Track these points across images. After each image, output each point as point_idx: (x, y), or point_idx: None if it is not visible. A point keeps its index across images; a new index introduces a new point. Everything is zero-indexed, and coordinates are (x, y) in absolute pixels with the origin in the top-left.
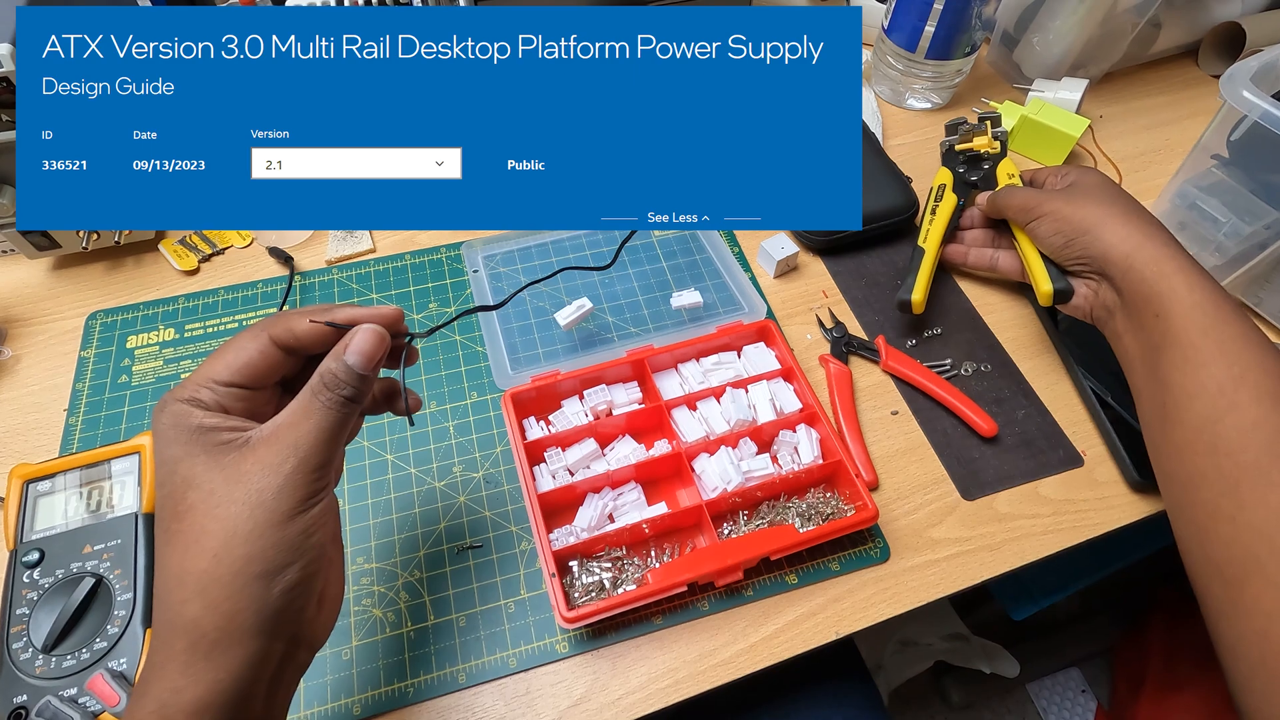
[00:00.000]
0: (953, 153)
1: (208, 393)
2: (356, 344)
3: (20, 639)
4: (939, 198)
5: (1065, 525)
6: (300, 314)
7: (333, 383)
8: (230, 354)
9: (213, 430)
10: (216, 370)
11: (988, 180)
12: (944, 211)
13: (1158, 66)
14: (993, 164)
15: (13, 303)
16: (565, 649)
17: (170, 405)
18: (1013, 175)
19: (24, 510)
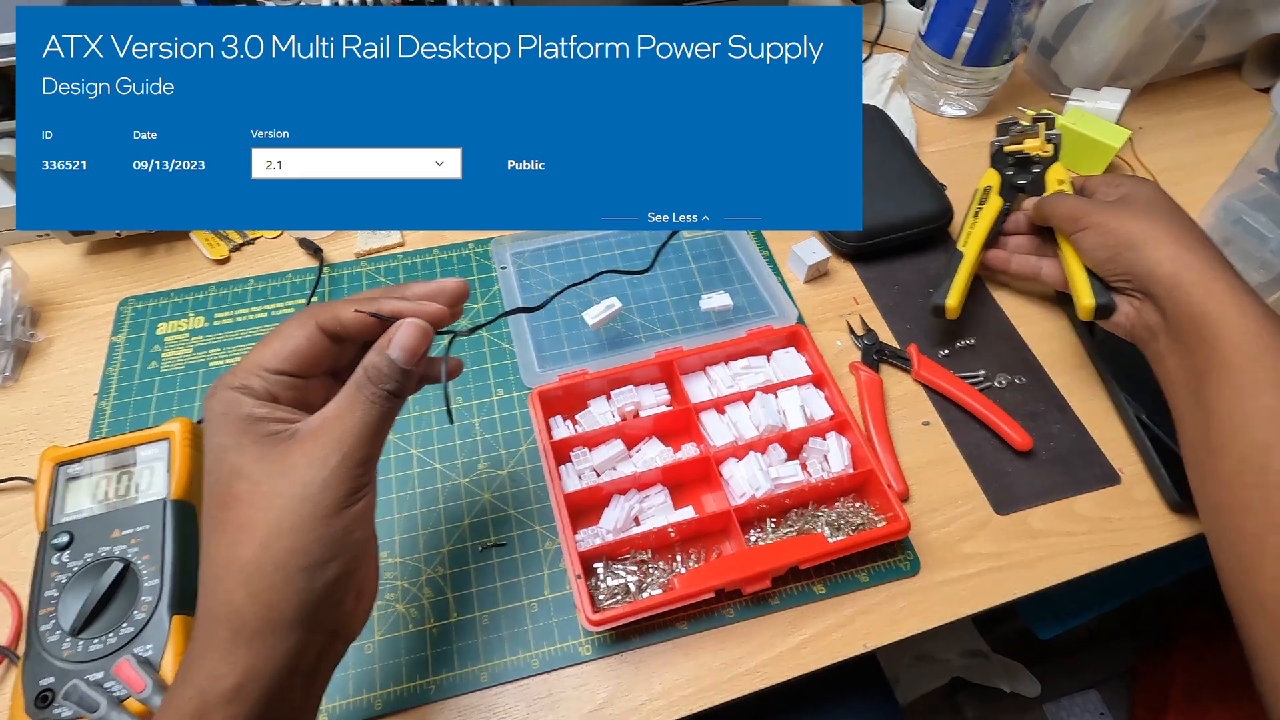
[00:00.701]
0: (1002, 154)
1: (258, 380)
2: (399, 339)
3: (48, 621)
4: (983, 200)
5: (1101, 544)
6: (347, 303)
7: (376, 377)
8: (278, 341)
9: (261, 420)
10: (265, 358)
11: (1036, 185)
12: (987, 215)
13: (1200, 78)
14: (1043, 168)
15: (46, 287)
16: (588, 652)
17: (221, 392)
18: (1063, 182)
19: (54, 493)
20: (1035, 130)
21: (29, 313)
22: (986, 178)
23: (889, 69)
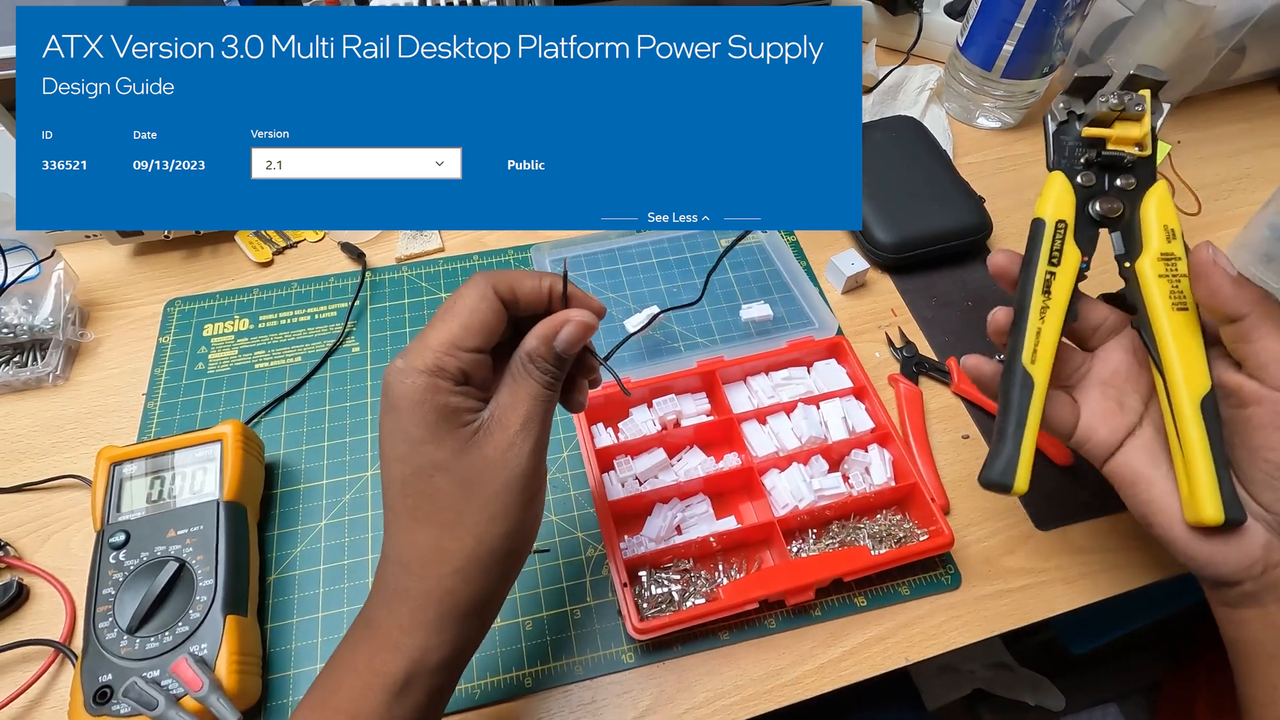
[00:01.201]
0: (1076, 143)
1: (452, 360)
2: (566, 333)
3: (106, 619)
4: (1055, 254)
5: (1143, 561)
6: (520, 273)
7: (541, 364)
8: (465, 315)
9: (458, 411)
10: (457, 334)
11: (1130, 229)
12: (1063, 287)
13: (1240, 93)
14: (1140, 181)
15: (95, 287)
16: (631, 659)
17: (414, 377)
18: (1171, 230)
19: (111, 492)
20: (1134, 106)
21: (79, 312)
22: (1052, 196)
23: (926, 80)
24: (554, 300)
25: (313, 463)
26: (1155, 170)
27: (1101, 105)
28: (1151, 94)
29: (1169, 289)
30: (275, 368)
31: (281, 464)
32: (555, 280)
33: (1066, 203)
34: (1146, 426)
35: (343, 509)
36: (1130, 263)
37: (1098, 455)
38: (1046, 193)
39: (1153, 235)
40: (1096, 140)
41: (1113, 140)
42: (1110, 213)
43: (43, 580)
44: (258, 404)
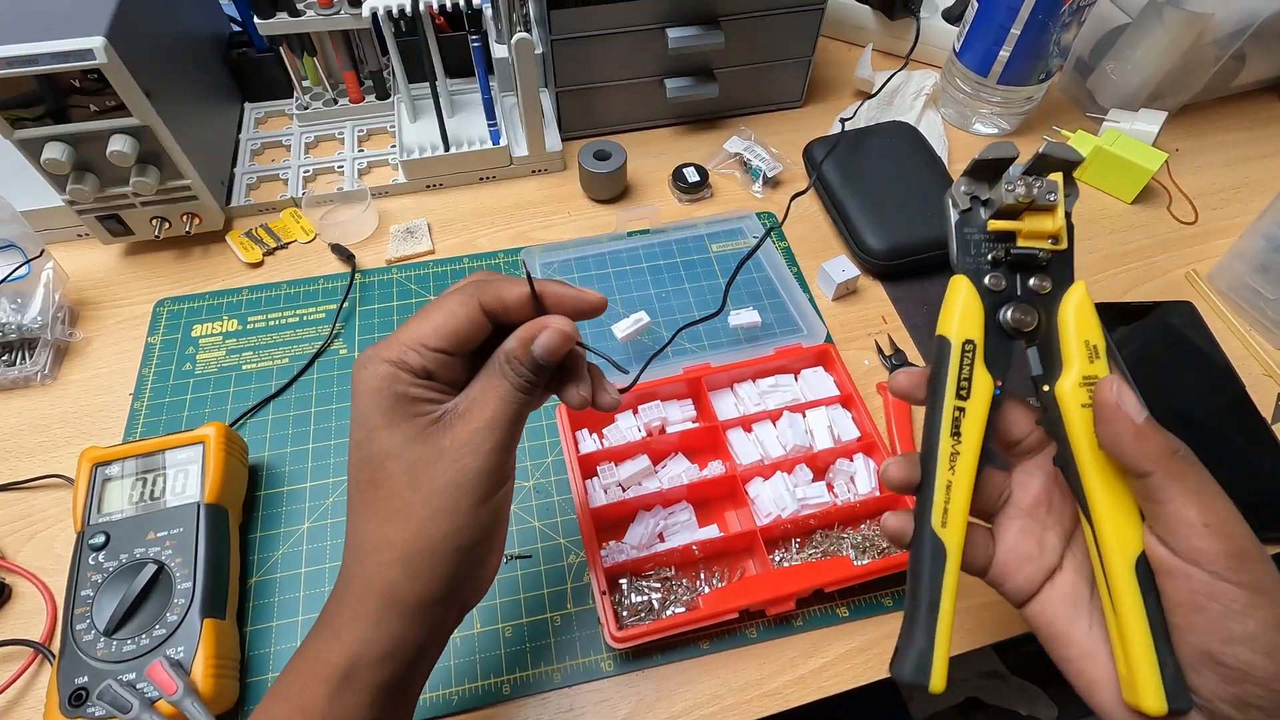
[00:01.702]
0: (982, 238)
1: (415, 356)
2: (544, 340)
3: (84, 620)
4: (963, 385)
5: None
6: (509, 283)
7: (517, 367)
8: (439, 317)
9: (415, 401)
10: (425, 334)
11: (1046, 336)
12: (974, 421)
13: (1239, 100)
14: (1057, 282)
15: (85, 286)
16: (610, 667)
17: (376, 365)
18: (1094, 347)
19: (92, 493)
20: (1044, 196)
21: (68, 311)
22: (956, 308)
23: (922, 85)
24: (541, 305)
25: (297, 464)
26: (1072, 267)
27: (1007, 195)
28: (1065, 177)
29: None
30: (263, 369)
31: (266, 466)
32: (541, 286)
33: (974, 315)
34: (1068, 570)
35: (326, 511)
36: (1049, 386)
37: (1013, 599)
38: (949, 302)
39: (1072, 353)
40: (1006, 234)
41: (1023, 234)
42: (1022, 325)
43: (25, 580)
44: (244, 405)
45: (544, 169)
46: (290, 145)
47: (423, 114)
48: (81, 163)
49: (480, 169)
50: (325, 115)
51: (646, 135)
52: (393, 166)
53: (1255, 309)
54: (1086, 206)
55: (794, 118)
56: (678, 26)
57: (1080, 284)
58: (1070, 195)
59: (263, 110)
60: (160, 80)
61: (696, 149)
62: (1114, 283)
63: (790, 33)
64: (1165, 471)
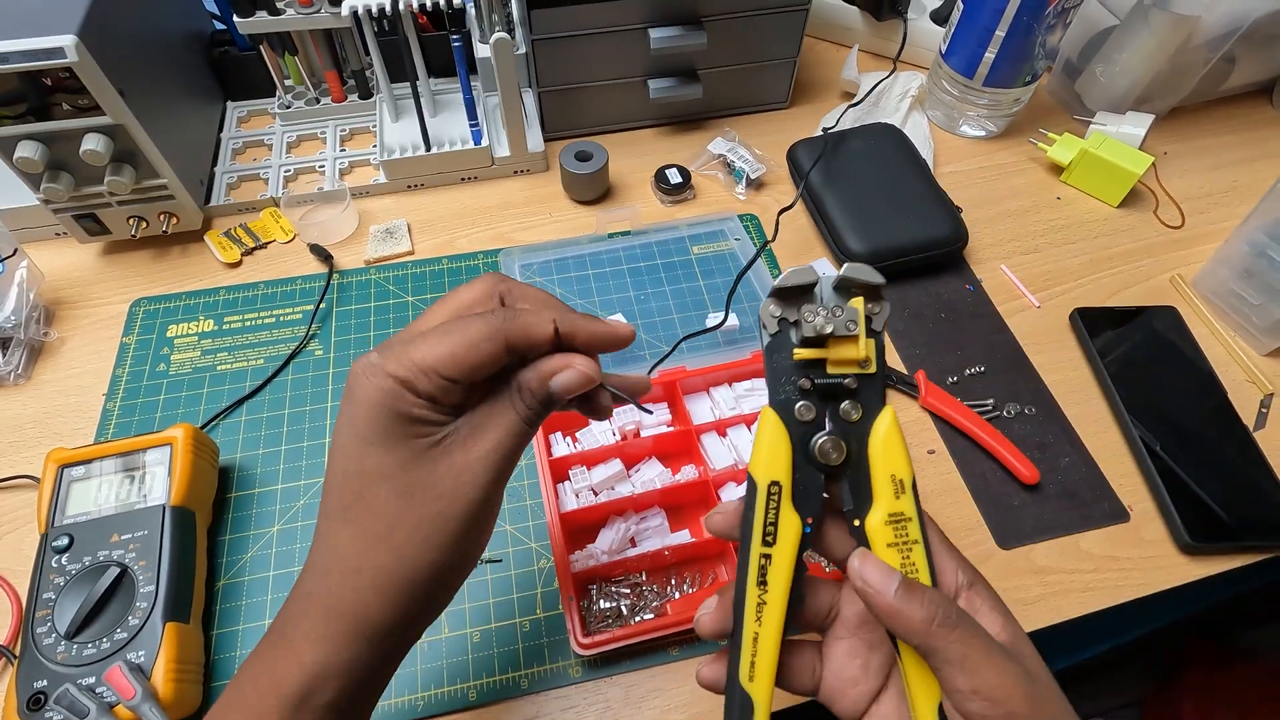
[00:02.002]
0: (790, 366)
1: (426, 382)
2: (565, 379)
3: (45, 623)
4: (770, 521)
5: (1107, 583)
6: (538, 317)
7: (530, 401)
8: (459, 346)
9: (417, 422)
10: (441, 362)
11: (857, 468)
12: (781, 568)
13: (1229, 104)
14: (867, 408)
15: (62, 285)
16: (578, 674)
17: (380, 379)
18: (900, 482)
19: (57, 495)
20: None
21: (43, 311)
22: (764, 446)
23: (908, 87)
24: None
25: (269, 467)
26: (884, 393)
27: (808, 326)
28: (870, 298)
29: (899, 561)
30: (237, 370)
31: (237, 467)
32: (575, 325)
33: (780, 452)
34: (891, 695)
35: (296, 514)
36: (860, 520)
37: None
38: (756, 439)
39: (878, 490)
40: (815, 361)
41: (832, 361)
42: (829, 459)
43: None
44: (218, 406)
45: (526, 169)
46: (272, 144)
47: (405, 114)
48: (56, 161)
49: (461, 169)
50: (307, 114)
51: (630, 136)
52: (374, 166)
53: (1239, 314)
54: (1072, 209)
55: (779, 119)
56: (660, 27)
57: (888, 411)
58: (879, 313)
59: (245, 109)
60: (136, 79)
61: (680, 150)
62: (1098, 287)
63: (775, 33)
64: (927, 644)
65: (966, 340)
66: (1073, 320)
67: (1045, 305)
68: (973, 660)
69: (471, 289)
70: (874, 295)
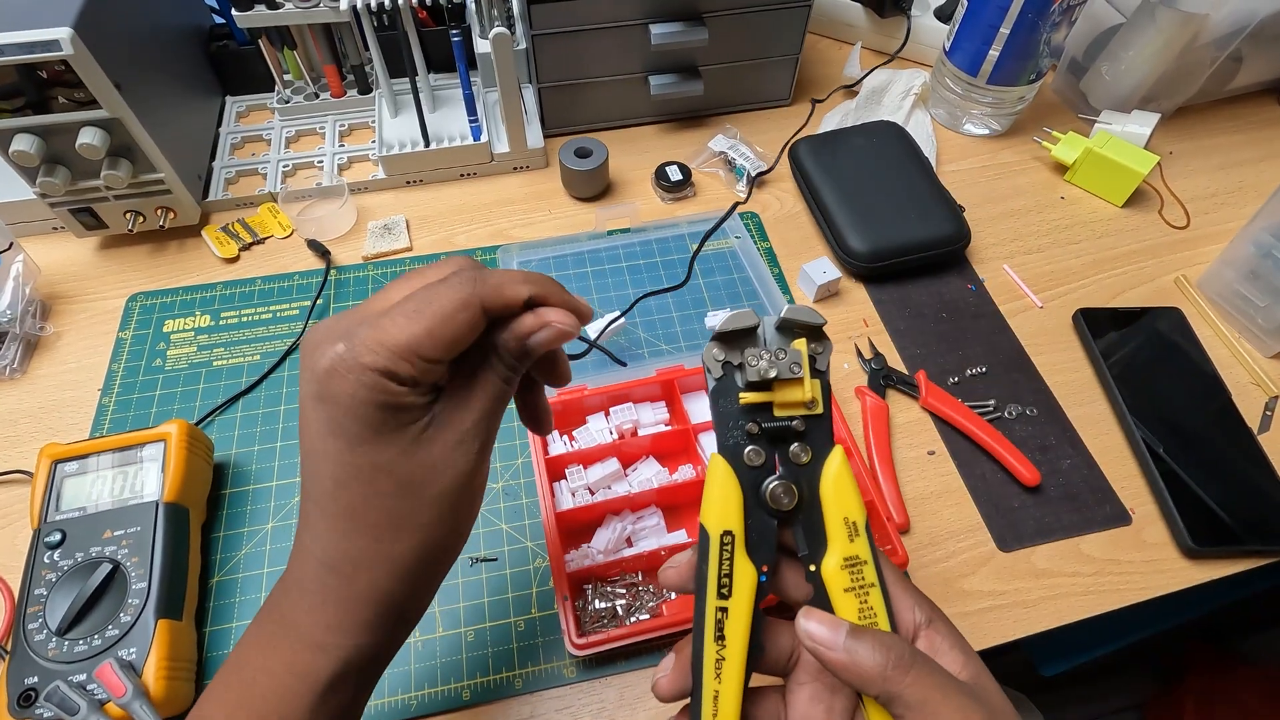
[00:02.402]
0: (737, 410)
1: (407, 367)
2: (545, 335)
3: (36, 619)
4: (725, 573)
5: (1108, 587)
6: (509, 280)
7: (509, 361)
8: (438, 321)
9: (404, 409)
10: (419, 341)
11: (809, 511)
12: (739, 621)
13: (1235, 103)
14: (816, 450)
15: (58, 280)
16: (573, 674)
17: (359, 374)
18: (853, 525)
19: (50, 490)
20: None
21: (40, 305)
22: (714, 494)
23: (911, 85)
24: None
25: (264, 463)
26: (832, 432)
27: (751, 370)
28: (813, 339)
29: (856, 606)
30: (234, 365)
31: (232, 464)
32: (545, 288)
33: (731, 500)
34: None
35: (291, 511)
36: (816, 565)
37: None
38: (709, 487)
39: (832, 533)
40: (762, 405)
41: (778, 404)
42: (781, 504)
43: None
44: (214, 402)
45: (525, 166)
46: (270, 139)
47: (404, 109)
48: (52, 155)
49: (461, 165)
50: (306, 109)
51: (630, 133)
52: (373, 162)
53: (1244, 316)
54: (1076, 209)
55: (780, 116)
56: (661, 22)
57: (838, 451)
58: (823, 353)
59: (244, 104)
60: (132, 72)
61: (680, 147)
62: (1102, 287)
63: (777, 30)
64: (885, 691)
65: (968, 340)
66: (1075, 321)
67: (1048, 306)
68: (932, 703)
69: (438, 268)
70: (816, 336)
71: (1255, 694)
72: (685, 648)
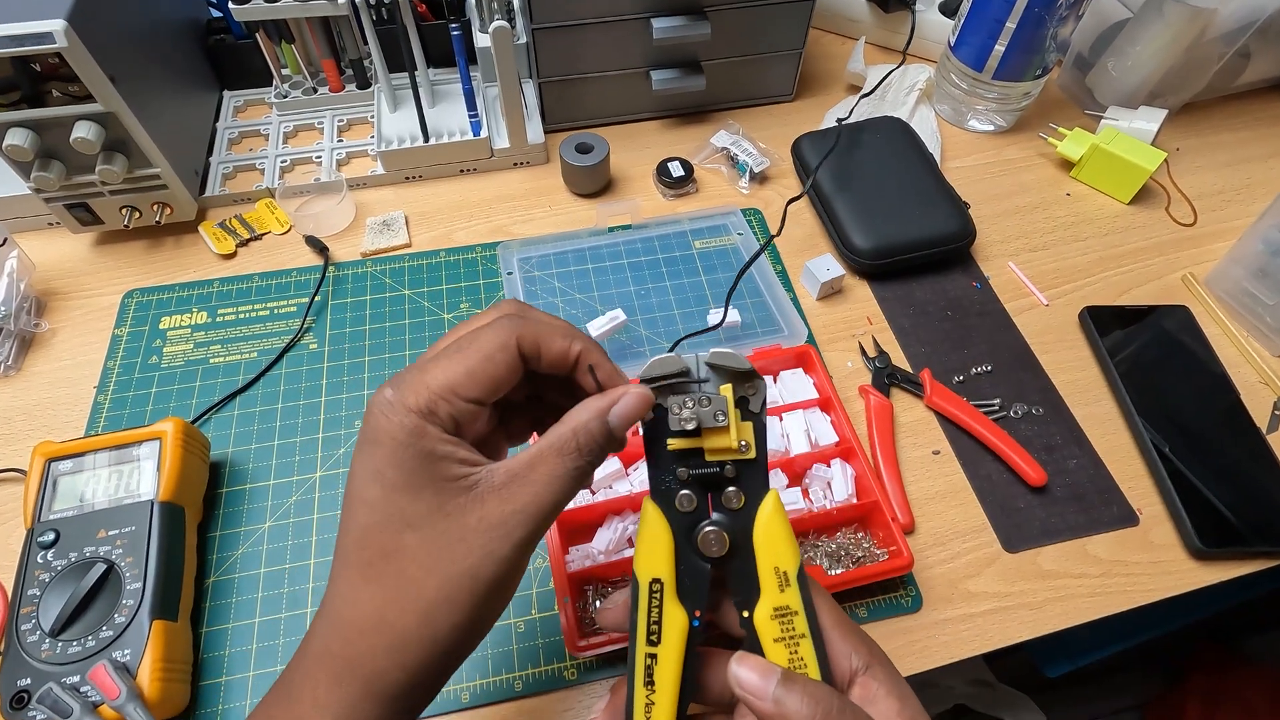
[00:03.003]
0: (669, 456)
1: (445, 406)
2: (624, 407)
3: (29, 620)
4: (654, 620)
5: (1114, 589)
6: (549, 329)
7: (589, 444)
8: (476, 362)
9: (444, 461)
10: (458, 380)
11: (742, 557)
12: (669, 667)
13: (1243, 99)
14: (750, 494)
15: (53, 276)
16: (574, 676)
17: (401, 415)
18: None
19: (44, 489)
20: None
21: (34, 302)
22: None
23: (915, 80)
24: (579, 368)
25: (261, 462)
26: (766, 476)
27: (674, 419)
28: (744, 380)
29: (787, 656)
30: (230, 363)
31: (229, 462)
32: (587, 347)
33: (660, 547)
34: None
35: (288, 510)
36: (749, 612)
37: None
38: (640, 534)
39: (763, 581)
40: (693, 450)
41: (708, 450)
42: (711, 551)
43: None
44: (210, 400)
45: (526, 161)
46: (268, 134)
47: (403, 104)
48: (46, 150)
49: (460, 161)
50: (305, 104)
51: (631, 128)
52: (372, 157)
53: (1253, 314)
54: (1082, 206)
55: (784, 112)
56: (662, 16)
57: (771, 496)
58: (755, 394)
59: (241, 99)
60: (127, 66)
61: (682, 143)
62: (1108, 285)
63: (780, 24)
64: None
65: (973, 339)
66: (1082, 319)
67: (1054, 304)
68: None
69: (486, 313)
70: (749, 378)
71: (1258, 692)
72: (621, 690)
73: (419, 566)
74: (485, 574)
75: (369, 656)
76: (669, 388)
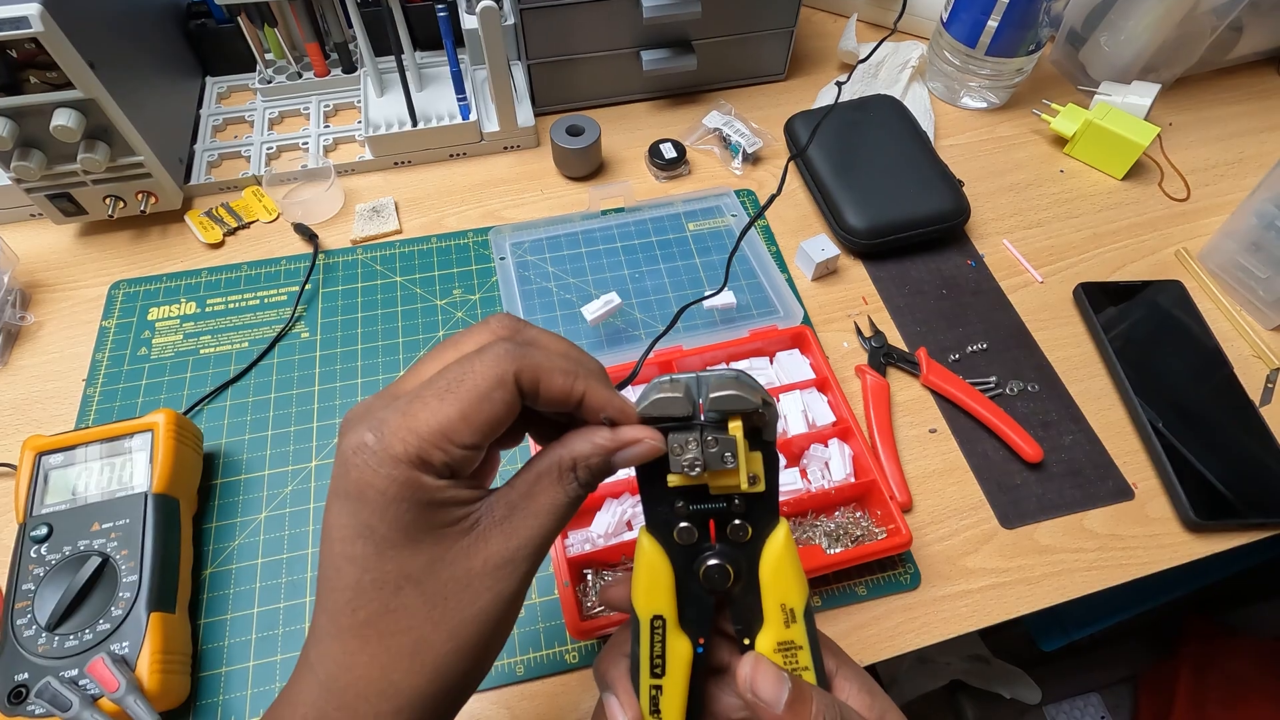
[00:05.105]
0: (665, 494)
1: (440, 455)
2: (637, 451)
3: (25, 615)
4: (658, 655)
5: (1111, 562)
6: (549, 366)
7: (587, 479)
8: (470, 403)
9: (442, 507)
10: (453, 425)
11: (747, 589)
12: (673, 698)
13: (1236, 73)
14: (758, 528)
15: (38, 268)
16: (575, 659)
17: (389, 468)
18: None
19: (35, 483)
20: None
21: (19, 294)
22: (643, 576)
23: (908, 58)
24: (583, 410)
25: (255, 452)
26: (776, 506)
27: (676, 462)
28: (751, 415)
29: None
30: (221, 353)
31: (223, 453)
32: (591, 387)
33: (660, 583)
34: None
35: (284, 500)
36: (750, 640)
37: None
38: (637, 569)
39: (770, 616)
40: (694, 487)
41: (715, 486)
42: (715, 585)
43: None
44: (202, 390)
45: (516, 145)
46: (253, 121)
47: (390, 88)
48: (26, 139)
49: (449, 145)
50: (289, 89)
51: (622, 110)
52: (359, 143)
53: (1246, 289)
54: (1076, 182)
55: (776, 91)
56: None
57: (781, 528)
58: (768, 423)
59: (225, 85)
60: (107, 51)
61: (674, 124)
62: (1102, 261)
63: (771, 2)
64: None
65: (968, 317)
66: (1076, 296)
67: (1048, 280)
68: None
69: (475, 334)
70: (754, 416)
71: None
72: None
73: (425, 621)
74: (494, 615)
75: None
76: (668, 430)
